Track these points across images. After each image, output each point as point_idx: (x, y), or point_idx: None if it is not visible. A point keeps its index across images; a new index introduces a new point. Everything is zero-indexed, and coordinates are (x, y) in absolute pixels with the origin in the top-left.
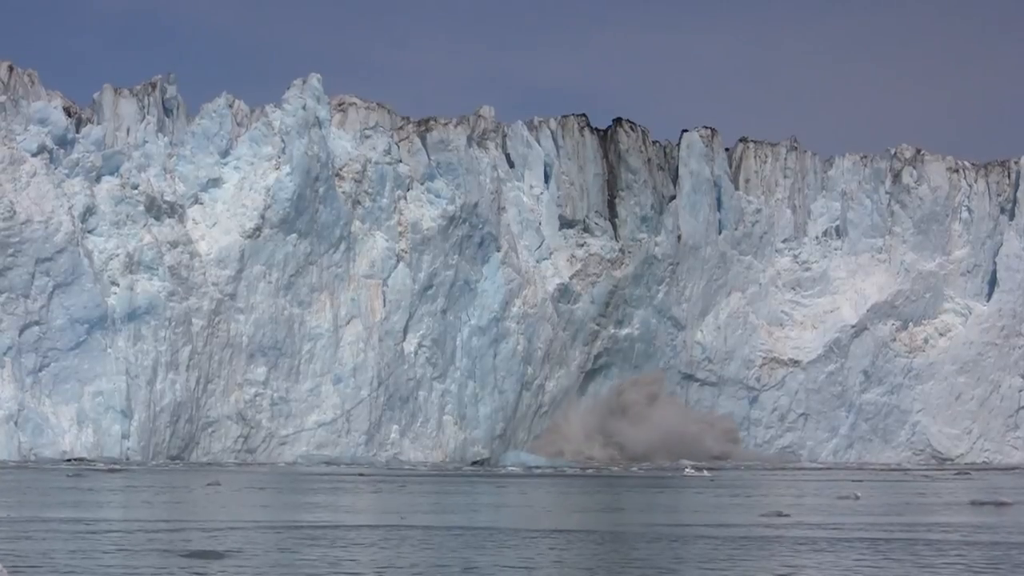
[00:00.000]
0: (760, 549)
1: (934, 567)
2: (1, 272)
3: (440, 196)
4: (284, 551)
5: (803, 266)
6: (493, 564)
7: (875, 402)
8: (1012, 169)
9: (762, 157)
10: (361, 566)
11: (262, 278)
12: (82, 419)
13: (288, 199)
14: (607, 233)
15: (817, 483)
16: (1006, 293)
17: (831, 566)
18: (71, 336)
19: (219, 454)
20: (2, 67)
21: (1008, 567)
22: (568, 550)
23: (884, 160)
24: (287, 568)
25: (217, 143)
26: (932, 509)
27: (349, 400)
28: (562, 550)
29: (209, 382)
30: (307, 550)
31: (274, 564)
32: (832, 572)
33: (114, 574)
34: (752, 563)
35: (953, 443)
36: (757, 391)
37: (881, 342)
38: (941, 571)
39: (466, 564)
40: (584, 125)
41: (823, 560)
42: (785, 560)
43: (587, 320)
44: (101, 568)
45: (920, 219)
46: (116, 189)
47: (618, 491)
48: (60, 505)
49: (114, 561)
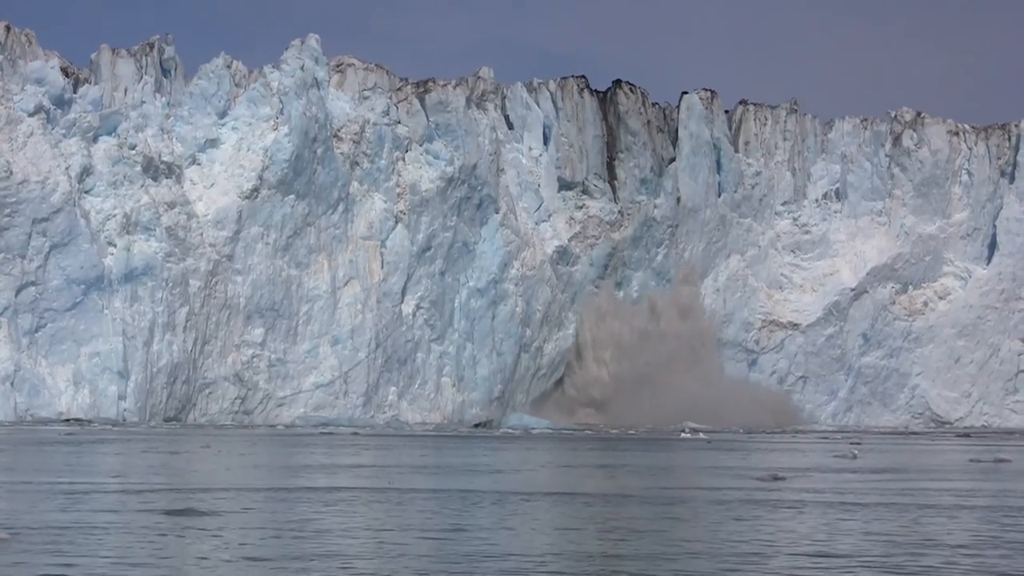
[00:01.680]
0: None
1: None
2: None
3: (439, 157)
4: (262, 512)
5: (803, 229)
6: (470, 526)
7: (874, 365)
8: (1012, 132)
9: (762, 120)
10: (330, 524)
11: (260, 239)
12: (79, 380)
13: (286, 160)
14: (606, 195)
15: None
16: (1006, 256)
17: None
18: (68, 297)
19: (216, 415)
20: (0, 28)
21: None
22: (565, 514)
23: (884, 123)
24: (262, 528)
25: (215, 104)
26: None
27: (347, 362)
28: (559, 514)
29: (206, 343)
30: (284, 510)
31: (250, 523)
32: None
33: (99, 532)
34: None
35: (952, 407)
36: (756, 354)
37: (880, 305)
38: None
39: (440, 526)
40: (583, 87)
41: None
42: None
43: (586, 282)
44: (88, 527)
45: (920, 182)
46: (113, 149)
47: (619, 453)
48: (49, 469)
49: (98, 519)
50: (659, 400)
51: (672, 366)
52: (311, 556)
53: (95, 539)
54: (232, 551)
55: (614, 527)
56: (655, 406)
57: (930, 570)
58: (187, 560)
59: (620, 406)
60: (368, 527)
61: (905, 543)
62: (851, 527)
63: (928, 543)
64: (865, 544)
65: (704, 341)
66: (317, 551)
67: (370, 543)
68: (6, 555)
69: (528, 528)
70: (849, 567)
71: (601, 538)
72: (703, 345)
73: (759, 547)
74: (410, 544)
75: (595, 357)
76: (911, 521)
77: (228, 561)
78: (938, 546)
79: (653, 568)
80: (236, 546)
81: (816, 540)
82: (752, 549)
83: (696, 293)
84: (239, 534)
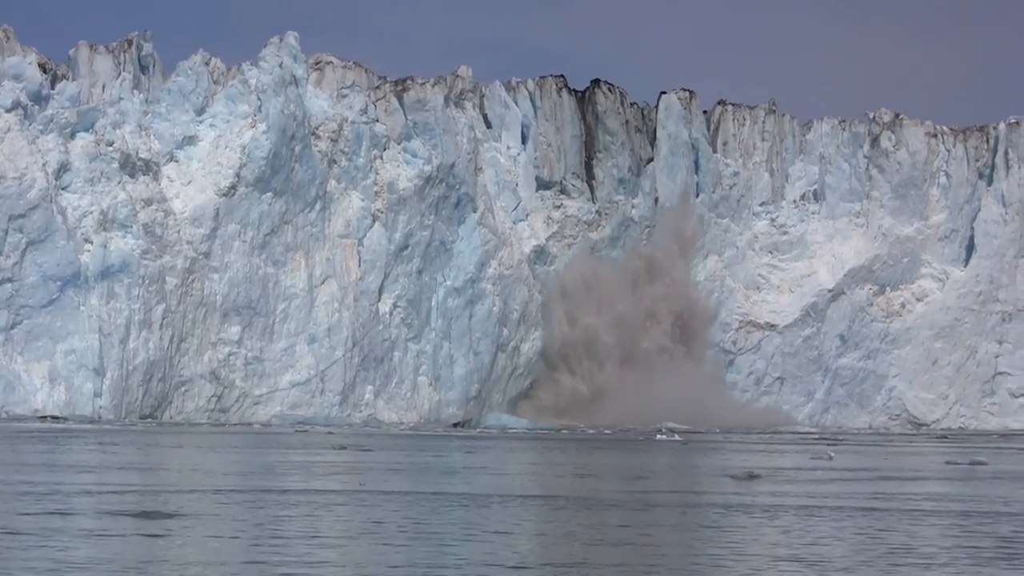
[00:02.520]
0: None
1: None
2: None
3: (417, 156)
4: (223, 516)
5: (780, 230)
6: (435, 532)
7: (851, 367)
8: (991, 134)
9: (740, 120)
10: (294, 529)
11: (237, 237)
12: (54, 377)
13: (264, 158)
14: (584, 195)
15: (794, 447)
16: (983, 259)
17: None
18: (44, 293)
19: (192, 413)
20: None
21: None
22: (535, 518)
23: (863, 124)
24: (219, 535)
25: (193, 101)
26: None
27: (323, 360)
28: (530, 517)
29: (183, 341)
30: (248, 514)
31: (212, 528)
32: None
33: (64, 535)
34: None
35: (929, 408)
36: (733, 354)
37: (858, 306)
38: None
39: (405, 531)
40: (562, 86)
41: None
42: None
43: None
44: (48, 530)
45: (898, 184)
46: (91, 146)
47: (593, 454)
48: (18, 467)
49: (62, 523)
50: (638, 399)
51: (654, 359)
52: (271, 564)
53: (49, 542)
54: (190, 557)
55: (583, 533)
56: (635, 404)
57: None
58: (136, 565)
59: (598, 405)
60: (333, 532)
61: (876, 549)
62: (821, 531)
63: (899, 550)
64: (835, 550)
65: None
66: (277, 559)
67: (332, 550)
68: None
69: (493, 532)
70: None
71: (568, 544)
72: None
73: (726, 553)
74: (373, 549)
75: (572, 355)
76: (885, 527)
77: (181, 566)
78: (909, 553)
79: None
80: (195, 552)
81: (786, 544)
82: (719, 554)
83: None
84: (199, 540)
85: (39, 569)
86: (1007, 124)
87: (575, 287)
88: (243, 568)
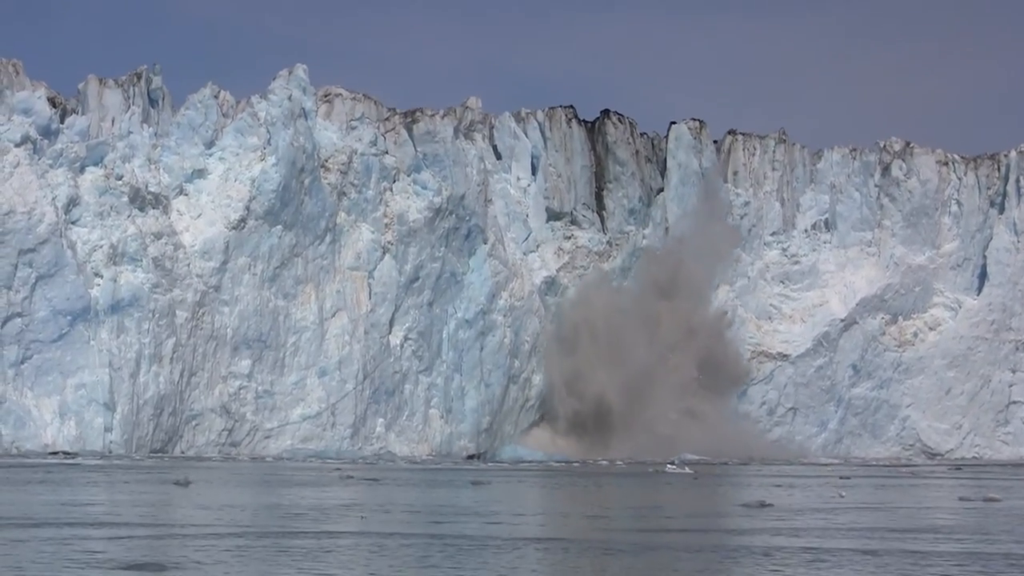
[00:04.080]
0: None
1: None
2: None
3: (427, 188)
4: (227, 563)
5: (792, 259)
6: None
7: (864, 396)
8: (1002, 162)
9: (750, 149)
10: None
11: (247, 270)
12: (64, 412)
13: (273, 190)
14: (594, 225)
15: (804, 479)
16: (996, 287)
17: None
18: (54, 328)
19: (203, 447)
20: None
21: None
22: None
23: (873, 153)
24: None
25: (202, 134)
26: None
27: (334, 393)
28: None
29: (193, 375)
30: (252, 563)
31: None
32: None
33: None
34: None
35: (943, 438)
36: (745, 385)
37: (870, 336)
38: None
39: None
40: (572, 117)
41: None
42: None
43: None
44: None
45: (909, 212)
46: (100, 180)
47: (604, 491)
48: (13, 504)
49: (48, 573)
50: (651, 430)
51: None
52: None
53: None
54: None
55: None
56: (647, 436)
57: None
58: None
59: (611, 435)
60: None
61: None
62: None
63: None
64: None
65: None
66: None
67: None
68: None
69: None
70: None
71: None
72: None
73: None
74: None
75: (582, 385)
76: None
77: None
78: None
79: None
80: None
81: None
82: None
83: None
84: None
85: None
86: (1018, 152)
87: (585, 336)
88: None
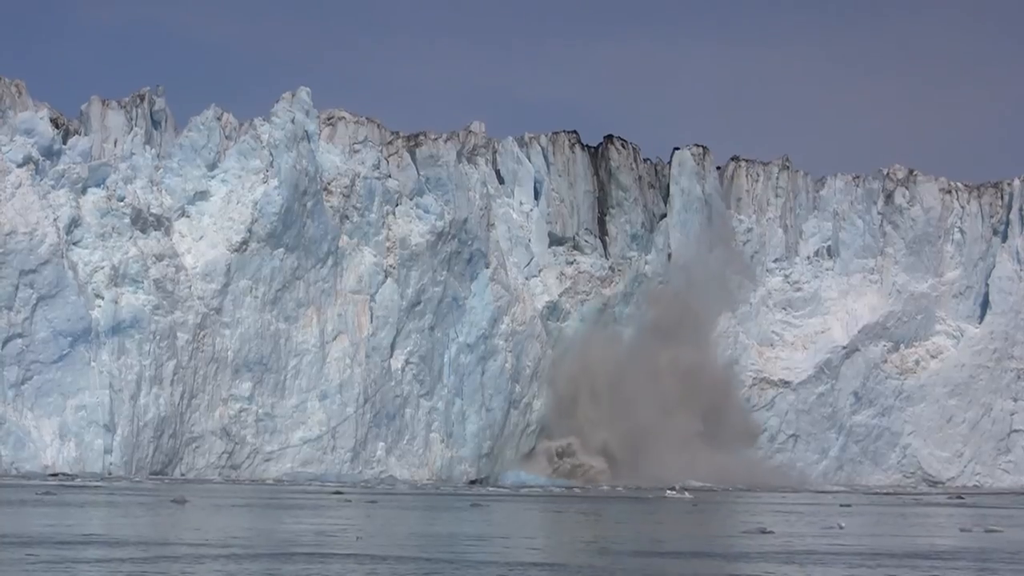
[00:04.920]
0: None
1: None
2: None
3: (429, 211)
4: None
5: (794, 286)
6: None
7: (866, 424)
8: (1005, 191)
9: (753, 176)
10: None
11: (248, 292)
12: (64, 433)
13: (275, 213)
14: (597, 251)
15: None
16: (998, 315)
17: None
18: (54, 349)
19: (203, 470)
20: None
21: None
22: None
23: (876, 180)
24: None
25: (205, 156)
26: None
27: (335, 417)
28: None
29: (194, 397)
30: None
31: None
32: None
33: None
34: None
35: (944, 466)
36: (747, 412)
37: (872, 363)
38: None
39: None
40: (575, 142)
41: None
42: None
43: (576, 339)
44: None
45: (912, 240)
46: (102, 201)
47: (602, 520)
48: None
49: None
50: (654, 456)
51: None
52: None
53: None
54: None
55: None
56: (650, 462)
57: None
58: None
59: (615, 463)
60: None
61: None
62: None
63: None
64: None
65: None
66: None
67: None
68: None
69: None
70: None
71: None
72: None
73: None
74: None
75: (583, 441)
76: None
77: None
78: None
79: None
80: None
81: None
82: None
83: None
84: None
85: None
86: (1021, 180)
87: (585, 395)
88: None
